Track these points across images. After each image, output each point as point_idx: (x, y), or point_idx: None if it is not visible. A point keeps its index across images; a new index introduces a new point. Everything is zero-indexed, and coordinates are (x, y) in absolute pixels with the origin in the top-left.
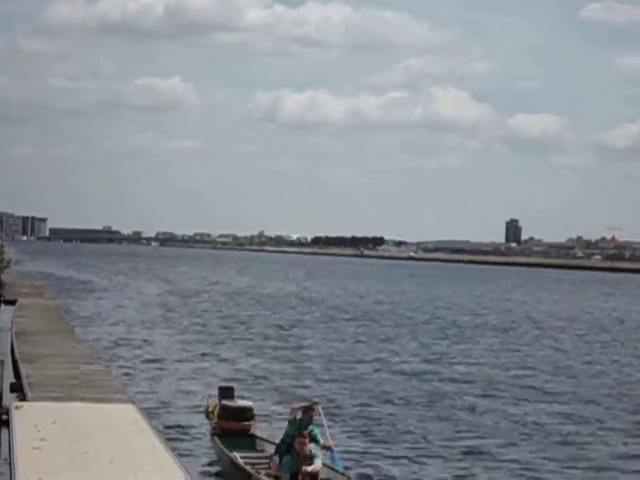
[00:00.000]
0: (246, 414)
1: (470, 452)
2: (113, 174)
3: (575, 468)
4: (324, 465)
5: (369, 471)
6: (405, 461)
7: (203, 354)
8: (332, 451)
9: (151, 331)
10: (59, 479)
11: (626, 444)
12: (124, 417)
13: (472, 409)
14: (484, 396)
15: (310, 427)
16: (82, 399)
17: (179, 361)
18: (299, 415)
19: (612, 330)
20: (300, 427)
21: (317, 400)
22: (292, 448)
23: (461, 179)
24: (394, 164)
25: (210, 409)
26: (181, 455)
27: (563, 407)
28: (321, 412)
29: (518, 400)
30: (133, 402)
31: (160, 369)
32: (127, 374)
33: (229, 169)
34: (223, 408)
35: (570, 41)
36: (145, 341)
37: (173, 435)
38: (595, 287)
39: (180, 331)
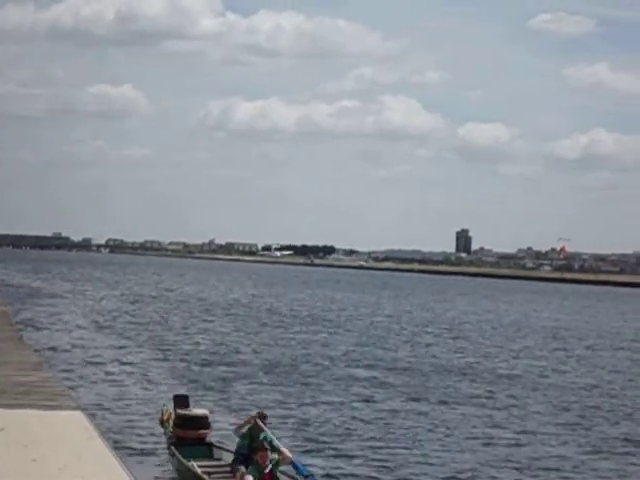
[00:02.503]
0: (202, 422)
1: (398, 453)
2: (64, 180)
3: (499, 468)
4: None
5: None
6: (334, 461)
7: (151, 360)
8: (292, 462)
9: (99, 338)
10: None
11: (552, 446)
12: (73, 424)
13: (399, 412)
14: (412, 399)
15: (262, 435)
16: (30, 406)
17: (127, 368)
18: (247, 427)
19: (552, 337)
20: (252, 437)
21: (263, 413)
22: (253, 460)
23: (412, 188)
24: (345, 173)
25: (165, 417)
26: (137, 463)
27: (486, 410)
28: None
29: (442, 403)
30: (82, 409)
31: (109, 375)
32: (75, 381)
33: (180, 177)
34: (178, 417)
35: (520, 51)
36: (93, 348)
37: (125, 443)
38: (541, 297)
39: (127, 337)
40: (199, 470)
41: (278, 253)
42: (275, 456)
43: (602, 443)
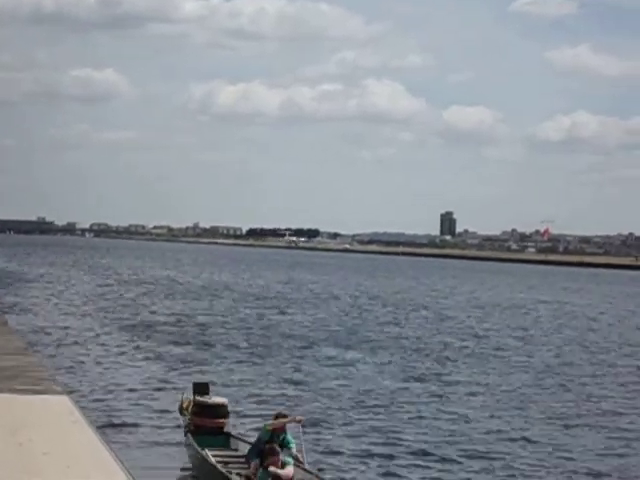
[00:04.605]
0: (220, 411)
1: (373, 426)
2: (48, 165)
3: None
4: (298, 466)
5: None
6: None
7: (135, 343)
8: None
9: (84, 322)
10: None
11: (515, 420)
12: (58, 409)
13: (374, 389)
14: (387, 377)
15: (283, 435)
16: (16, 391)
17: (112, 351)
18: (270, 424)
19: (524, 318)
20: (273, 434)
21: (301, 418)
22: (264, 458)
23: (396, 171)
24: (328, 156)
25: (185, 405)
26: (123, 447)
27: (447, 388)
28: (301, 429)
29: (411, 381)
30: (67, 393)
31: (94, 359)
32: (61, 365)
33: (163, 160)
34: (197, 404)
35: (503, 34)
36: (77, 331)
37: (111, 427)
38: (524, 279)
39: (112, 321)
40: (213, 459)
41: (294, 239)
42: (290, 459)
43: (555, 418)
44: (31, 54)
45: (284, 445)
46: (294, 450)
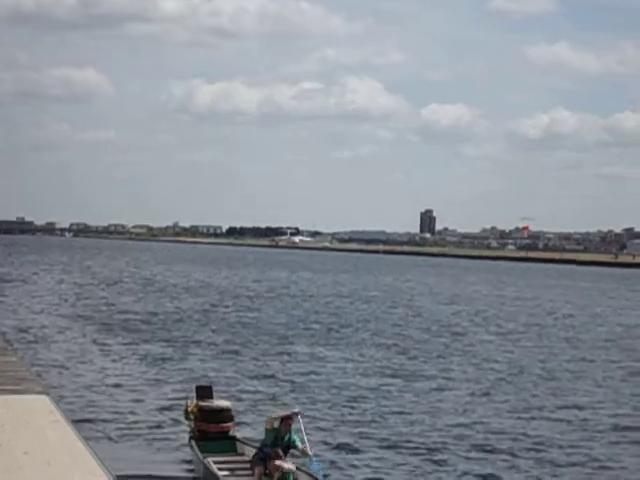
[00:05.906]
0: (224, 415)
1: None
2: (27, 165)
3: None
4: (300, 470)
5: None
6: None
7: (115, 341)
8: (310, 459)
9: (63, 321)
10: None
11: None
12: (38, 408)
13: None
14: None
15: (287, 436)
16: None
17: (92, 349)
18: (277, 424)
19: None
20: (277, 437)
21: (297, 410)
22: (267, 463)
23: (375, 169)
24: (308, 154)
25: (190, 409)
26: (104, 447)
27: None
28: (300, 421)
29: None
30: (47, 393)
31: (73, 358)
32: (40, 364)
33: (143, 160)
34: (200, 409)
35: (482, 31)
36: (57, 331)
37: (91, 427)
38: (501, 276)
39: (91, 320)
40: (214, 466)
41: (297, 239)
42: (292, 467)
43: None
44: (11, 54)
45: (290, 445)
46: (300, 446)
